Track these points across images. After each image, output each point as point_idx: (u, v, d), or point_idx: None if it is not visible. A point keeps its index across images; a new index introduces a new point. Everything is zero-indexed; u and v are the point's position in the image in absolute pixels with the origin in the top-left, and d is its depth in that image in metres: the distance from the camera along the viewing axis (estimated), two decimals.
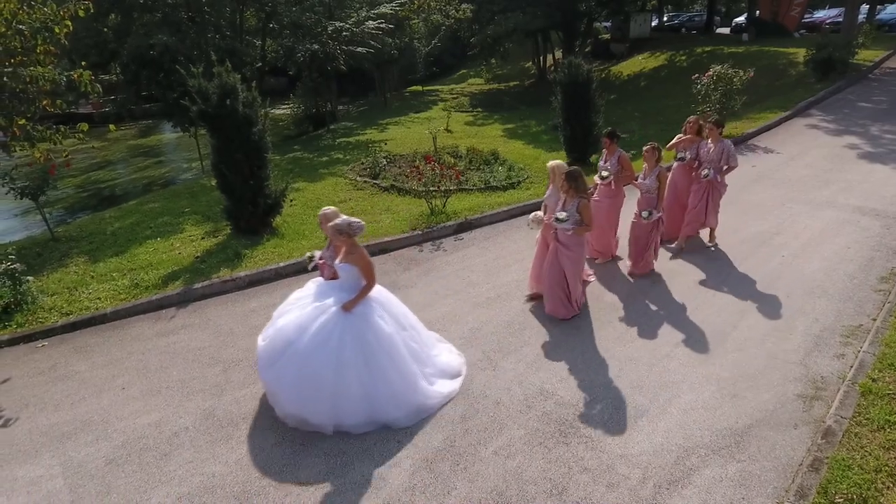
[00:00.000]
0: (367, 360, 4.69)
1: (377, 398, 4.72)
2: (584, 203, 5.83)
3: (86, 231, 9.62)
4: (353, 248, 4.83)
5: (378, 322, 4.82)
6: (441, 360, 5.37)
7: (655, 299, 6.61)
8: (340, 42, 19.35)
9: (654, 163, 6.76)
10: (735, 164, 7.40)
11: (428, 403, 4.94)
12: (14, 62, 6.67)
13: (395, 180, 11.26)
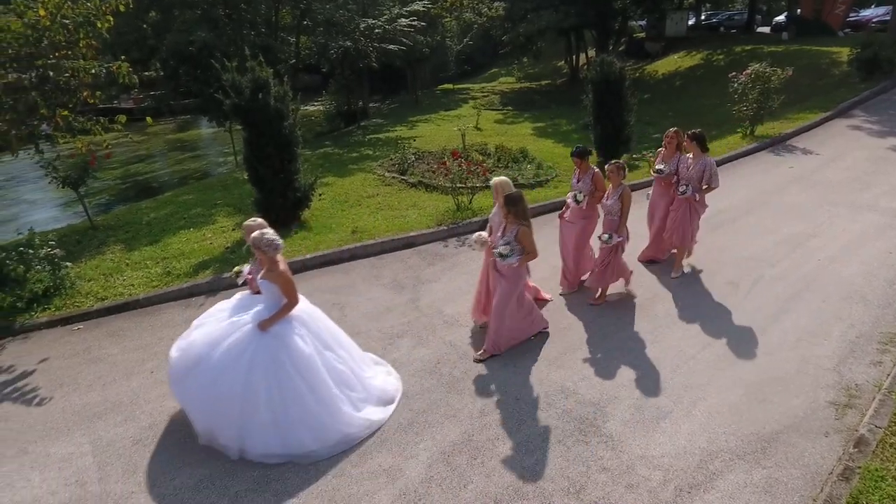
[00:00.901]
0: (280, 384, 4.35)
1: (290, 425, 4.36)
2: (523, 231, 5.24)
3: (123, 221, 9.94)
4: (274, 264, 4.54)
5: (296, 342, 4.48)
6: (375, 383, 4.99)
7: (683, 300, 6.47)
8: (373, 39, 19.49)
9: (619, 182, 6.19)
10: (716, 185, 6.65)
11: (350, 433, 4.53)
12: (58, 55, 6.93)
13: (423, 176, 11.30)
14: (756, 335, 5.72)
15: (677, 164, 6.88)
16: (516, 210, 5.26)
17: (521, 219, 5.28)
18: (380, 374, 5.18)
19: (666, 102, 19.12)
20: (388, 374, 5.30)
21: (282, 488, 4.16)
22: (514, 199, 5.27)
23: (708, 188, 6.68)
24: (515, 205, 5.25)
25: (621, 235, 6.21)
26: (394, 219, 9.19)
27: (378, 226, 8.91)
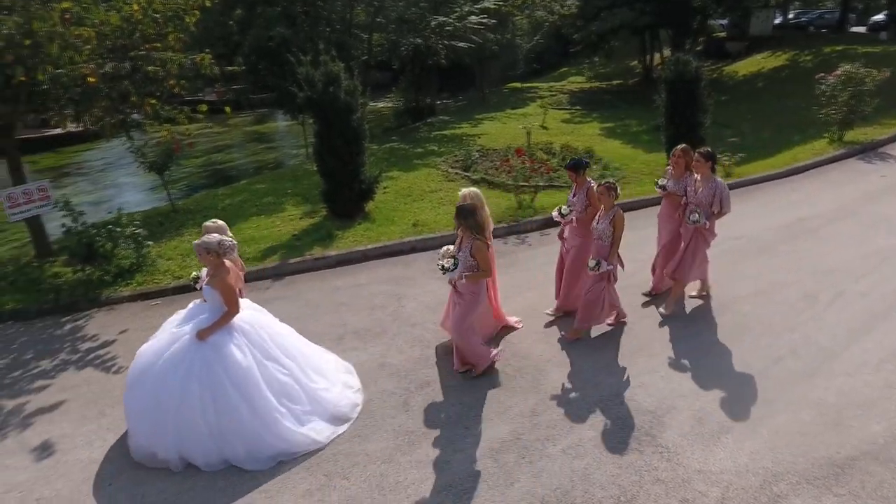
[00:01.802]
0: (215, 395, 4.25)
1: (225, 436, 4.28)
2: (477, 245, 4.90)
3: (201, 205, 10.54)
4: (218, 269, 4.43)
5: (232, 353, 4.35)
6: (326, 395, 4.75)
7: (754, 311, 6.13)
8: (443, 37, 19.62)
9: (611, 204, 5.49)
10: (728, 210, 5.87)
11: (287, 449, 4.38)
12: (148, 47, 7.42)
13: (486, 173, 11.29)
14: (835, 353, 5.34)
15: (685, 185, 6.08)
16: (467, 223, 4.92)
17: (475, 233, 4.93)
18: (336, 387, 4.91)
19: (745, 104, 18.14)
20: (349, 387, 5.04)
21: (333, 469, 4.27)
22: (463, 211, 4.93)
23: (720, 213, 5.88)
24: (465, 218, 4.91)
25: (611, 263, 5.50)
26: None
27: (439, 220, 8.97)
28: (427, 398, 5.01)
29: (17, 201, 7.28)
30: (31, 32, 6.20)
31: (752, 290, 6.55)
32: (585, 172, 5.97)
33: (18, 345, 6.29)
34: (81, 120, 7.64)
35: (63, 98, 7.04)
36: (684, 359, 5.40)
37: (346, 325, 6.29)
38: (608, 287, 5.63)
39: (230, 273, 4.48)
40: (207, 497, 4.06)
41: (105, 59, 7.23)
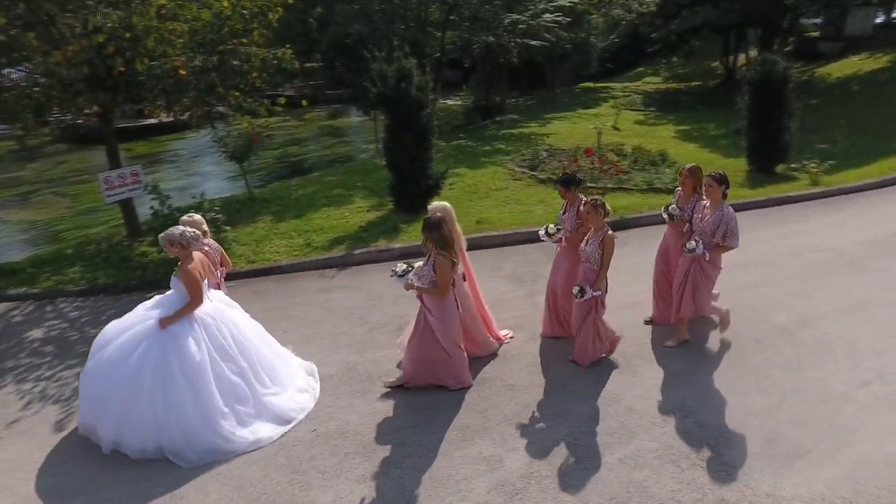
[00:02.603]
0: (165, 385, 4.28)
1: (167, 427, 4.30)
2: (440, 260, 4.67)
3: (275, 195, 11.02)
4: (185, 260, 4.50)
5: (188, 346, 4.36)
6: (274, 400, 4.73)
7: (838, 329, 5.71)
8: (515, 35, 19.47)
9: (600, 224, 5.03)
10: (733, 245, 5.19)
11: (225, 447, 4.36)
12: (235, 42, 7.83)
13: (553, 173, 11.11)
14: None
15: (692, 210, 5.47)
16: (432, 236, 4.69)
17: (440, 247, 4.68)
18: (288, 391, 4.89)
19: (838, 109, 16.89)
20: (303, 391, 5.01)
21: (387, 457, 4.34)
22: (429, 224, 4.72)
23: (724, 247, 5.23)
24: (430, 231, 4.69)
25: (599, 289, 5.05)
26: (520, 213, 9.17)
27: (503, 218, 8.94)
28: (482, 395, 5.01)
29: (113, 184, 7.87)
30: (131, 26, 6.69)
31: (837, 308, 6.10)
32: (578, 189, 5.51)
33: (107, 316, 6.79)
34: (172, 110, 8.19)
35: (156, 89, 7.55)
36: (758, 375, 5.11)
37: (405, 316, 6.37)
38: (597, 318, 5.17)
39: (196, 265, 4.53)
40: (267, 472, 4.24)
41: (195, 53, 7.68)
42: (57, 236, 11.66)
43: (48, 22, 6.92)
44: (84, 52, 6.53)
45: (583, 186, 5.53)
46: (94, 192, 12.67)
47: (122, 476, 4.27)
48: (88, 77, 6.79)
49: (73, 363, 5.82)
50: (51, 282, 7.67)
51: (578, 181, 5.61)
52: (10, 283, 7.67)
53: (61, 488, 4.21)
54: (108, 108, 8.03)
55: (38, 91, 7.02)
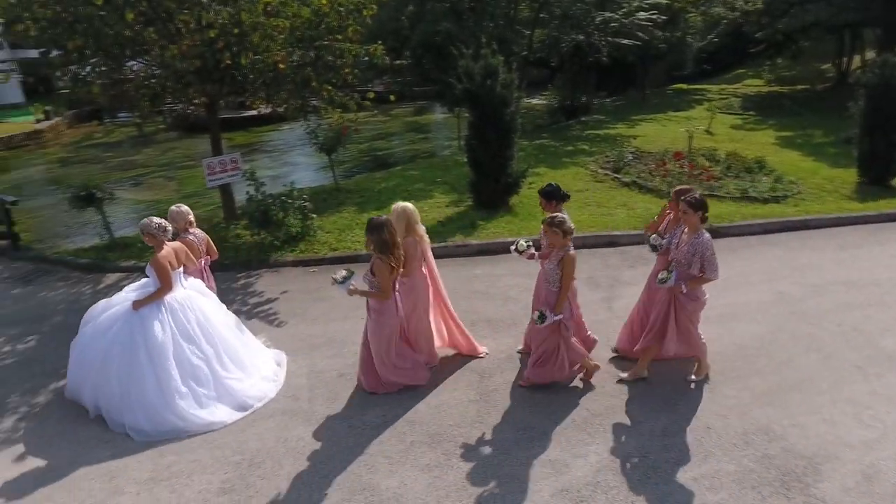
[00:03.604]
0: (130, 363, 4.63)
1: (130, 400, 4.64)
2: (378, 263, 4.65)
3: (360, 187, 11.41)
4: (157, 250, 4.81)
5: (153, 327, 4.67)
6: (235, 385, 4.93)
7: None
8: (607, 34, 18.94)
9: (561, 243, 4.67)
10: (712, 277, 4.64)
11: (179, 425, 4.61)
12: (331, 38, 8.17)
13: (638, 177, 10.75)
14: None
15: (672, 238, 4.96)
16: (371, 238, 4.63)
17: (379, 250, 4.63)
18: (252, 378, 5.08)
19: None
20: (268, 379, 5.19)
21: (453, 450, 4.40)
22: (369, 225, 4.66)
23: (701, 279, 4.68)
24: (370, 233, 4.64)
25: (559, 314, 4.69)
26: (600, 215, 8.96)
27: (582, 220, 8.75)
28: (552, 397, 4.95)
29: (215, 170, 8.46)
30: (240, 23, 7.15)
31: None
32: (560, 204, 5.14)
33: None
34: (270, 102, 8.68)
35: (257, 82, 8.03)
36: (857, 404, 4.71)
37: (479, 312, 6.42)
38: (563, 342, 4.82)
39: (167, 254, 4.84)
40: (336, 452, 4.42)
41: (293, 48, 8.09)
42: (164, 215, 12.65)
43: (167, 18, 7.55)
44: (196, 46, 7.07)
45: (567, 202, 5.23)
46: (198, 178, 13.68)
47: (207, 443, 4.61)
48: (199, 69, 7.34)
49: None
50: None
51: (563, 195, 5.20)
52: (122, 256, 8.47)
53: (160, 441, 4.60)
54: (214, 99, 8.63)
55: (154, 81, 7.68)
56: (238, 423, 4.77)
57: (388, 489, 4.04)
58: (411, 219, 5.06)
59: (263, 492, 4.06)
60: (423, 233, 5.22)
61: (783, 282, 6.76)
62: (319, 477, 4.17)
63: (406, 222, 5.01)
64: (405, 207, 5.09)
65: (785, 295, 6.47)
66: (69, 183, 11.01)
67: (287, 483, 4.12)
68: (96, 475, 4.26)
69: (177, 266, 4.96)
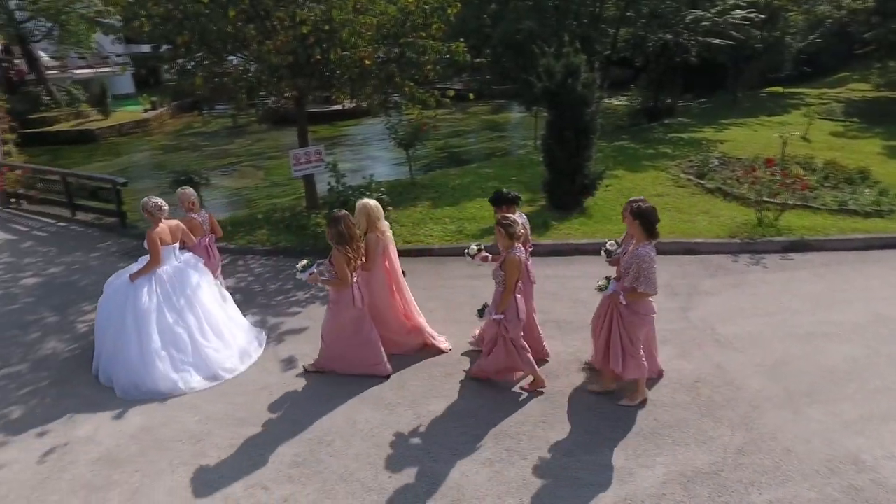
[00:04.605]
0: (120, 325, 5.17)
1: (117, 360, 5.16)
2: (335, 254, 4.86)
3: (434, 182, 11.61)
4: (153, 226, 5.32)
5: (140, 296, 5.21)
6: (214, 355, 5.36)
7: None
8: (697, 33, 18.11)
9: (507, 245, 4.63)
10: (649, 291, 4.38)
11: (158, 388, 5.09)
12: (415, 36, 8.36)
13: (724, 183, 10.24)
14: None
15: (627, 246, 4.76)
16: (329, 231, 4.94)
17: (336, 242, 4.88)
18: (229, 350, 5.49)
19: None
20: (243, 354, 5.59)
21: (515, 447, 4.41)
22: (329, 219, 4.99)
23: (638, 292, 4.43)
24: (328, 225, 4.96)
25: (500, 313, 4.70)
26: (679, 222, 8.63)
27: (661, 226, 8.31)
28: (619, 404, 4.85)
29: (300, 161, 8.89)
30: (330, 20, 7.47)
31: None
32: (512, 208, 5.11)
33: (284, 276, 7.74)
34: (355, 96, 9.01)
35: (344, 77, 8.34)
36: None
37: (548, 313, 6.36)
38: (507, 343, 4.81)
39: (160, 231, 5.34)
40: (402, 437, 4.56)
41: (379, 45, 8.34)
42: (251, 202, 13.47)
43: (264, 16, 8.00)
44: (290, 42, 7.46)
45: (516, 205, 5.20)
46: (284, 167, 14.42)
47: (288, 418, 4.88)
48: (291, 64, 7.74)
49: (254, 311, 6.73)
50: (244, 240, 8.92)
51: (511, 199, 5.16)
52: None
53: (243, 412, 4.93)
54: (303, 93, 9.06)
55: (251, 75, 8.17)
56: (311, 403, 5.02)
57: (450, 478, 4.11)
58: (372, 215, 5.22)
59: (331, 468, 4.25)
60: (385, 229, 5.39)
61: (882, 302, 6.26)
62: (384, 459, 4.31)
63: (367, 218, 5.20)
64: (366, 204, 5.27)
65: (883, 317, 5.99)
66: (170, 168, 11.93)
67: (354, 462, 4.30)
68: (184, 438, 4.62)
69: (170, 242, 5.46)
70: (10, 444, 4.63)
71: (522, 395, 5.03)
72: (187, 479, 4.19)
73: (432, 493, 4.00)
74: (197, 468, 4.29)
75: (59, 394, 5.25)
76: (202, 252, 6.09)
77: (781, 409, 4.71)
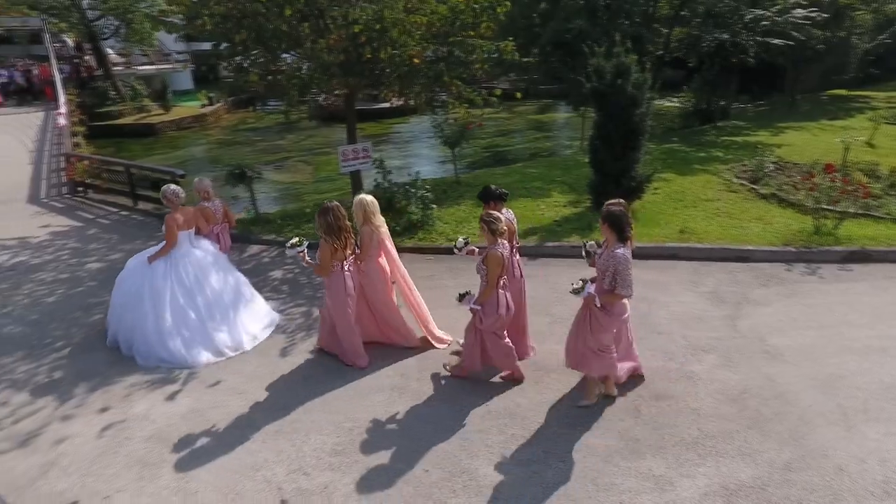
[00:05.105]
0: (139, 302, 5.68)
1: (136, 332, 5.69)
2: (321, 243, 5.18)
3: (479, 181, 11.56)
4: (173, 211, 5.82)
5: (157, 275, 5.71)
6: (217, 335, 5.77)
7: None
8: (755, 33, 17.45)
9: (491, 240, 4.77)
10: (624, 293, 4.39)
11: (167, 359, 5.59)
12: (464, 34, 8.39)
13: (779, 189, 9.86)
14: None
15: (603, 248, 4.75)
16: (318, 221, 5.23)
17: (323, 232, 5.17)
18: (234, 330, 5.87)
19: None
20: (249, 335, 5.95)
21: (552, 448, 4.40)
22: (321, 209, 5.27)
23: (615, 294, 4.43)
24: (318, 216, 5.25)
25: (478, 304, 4.88)
26: (731, 228, 8.36)
27: (710, 231, 8.23)
28: (662, 411, 4.76)
29: (348, 157, 9.06)
30: (382, 19, 7.58)
31: None
32: (499, 204, 5.23)
33: None
34: (403, 95, 9.12)
35: (393, 75, 8.45)
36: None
37: None
38: (477, 333, 5.02)
39: (176, 217, 5.81)
40: (439, 432, 4.61)
41: (428, 44, 8.41)
42: (300, 196, 13.83)
43: (318, 14, 8.19)
44: (342, 40, 7.61)
45: (503, 202, 5.31)
46: (332, 163, 14.73)
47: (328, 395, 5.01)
48: (343, 62, 7.90)
49: (300, 302, 6.93)
50: (292, 234, 9.14)
51: (498, 195, 5.26)
52: (264, 230, 9.41)
53: (286, 399, 5.10)
54: (353, 91, 9.23)
55: (303, 73, 8.38)
56: (352, 394, 5.14)
57: (486, 476, 4.14)
58: (368, 209, 5.46)
59: (370, 458, 4.35)
60: (380, 224, 5.57)
61: None
62: (421, 453, 4.37)
63: (363, 212, 5.46)
64: (363, 199, 5.53)
65: None
66: (225, 161, 12.37)
67: (391, 454, 4.38)
68: (231, 421, 4.82)
69: (185, 227, 5.92)
70: (73, 418, 4.93)
71: (561, 397, 5.00)
72: (233, 461, 4.37)
73: (468, 490, 4.04)
74: (242, 451, 4.47)
75: (117, 373, 5.55)
76: (213, 239, 6.58)
77: (834, 425, 4.52)
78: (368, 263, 5.54)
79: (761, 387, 5.01)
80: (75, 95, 24.40)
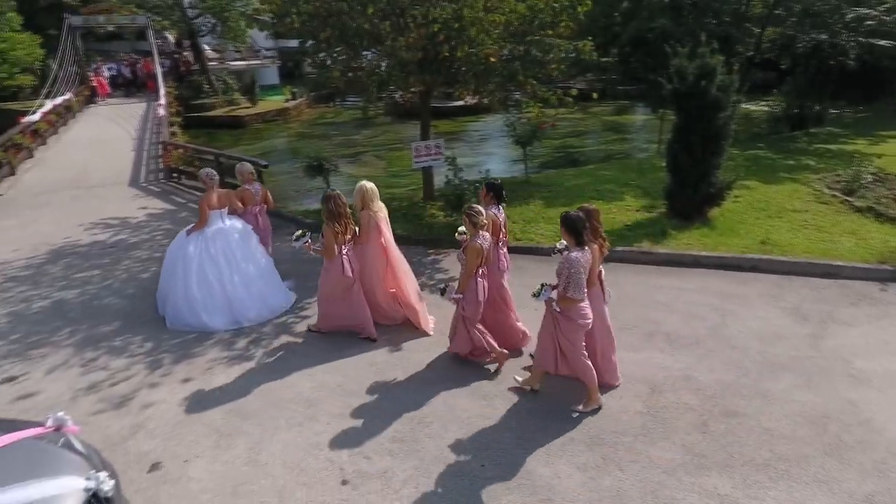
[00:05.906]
0: (172, 270, 6.39)
1: (168, 298, 6.44)
2: (325, 228, 5.63)
3: (549, 181, 11.51)
4: (207, 192, 6.47)
5: (188, 248, 6.35)
6: (237, 305, 6.36)
7: None
8: (858, 33, 16.18)
9: (473, 231, 5.05)
10: (576, 297, 4.45)
11: (191, 322, 6.27)
12: (542, 33, 8.33)
13: (877, 202, 9.14)
14: None
15: None
16: (322, 208, 5.73)
17: (326, 218, 5.62)
18: (252, 300, 6.44)
19: None
20: (266, 308, 6.52)
21: (612, 455, 4.34)
22: (324, 197, 5.73)
23: (566, 297, 4.47)
24: (321, 203, 5.75)
25: (459, 293, 5.14)
26: (818, 241, 7.84)
27: (795, 244, 7.76)
28: (730, 428, 4.57)
29: (421, 153, 9.25)
30: (461, 18, 7.67)
31: None
32: (493, 197, 5.56)
33: None
34: (478, 93, 9.18)
35: (469, 74, 8.53)
36: None
37: (658, 324, 6.13)
38: (465, 321, 5.27)
39: (208, 197, 6.42)
40: (499, 429, 4.64)
41: (505, 42, 8.43)
42: None
43: (399, 13, 8.40)
44: (421, 39, 7.77)
45: (502, 202, 5.66)
46: (404, 159, 15.05)
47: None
48: (421, 60, 8.06)
49: None
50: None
51: (500, 195, 5.62)
52: None
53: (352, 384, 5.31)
54: (429, 88, 9.40)
55: (382, 70, 8.62)
56: (413, 384, 5.28)
57: (543, 477, 4.14)
58: (366, 196, 5.88)
59: (428, 448, 4.45)
60: (378, 209, 5.97)
61: None
62: (478, 448, 4.43)
63: (362, 198, 5.88)
64: (363, 186, 5.95)
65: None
66: (304, 153, 12.93)
67: (449, 446, 4.47)
68: (300, 401, 5.07)
69: (217, 207, 6.51)
70: (160, 386, 5.36)
71: (623, 405, 4.90)
72: (300, 439, 4.60)
73: (522, 488, 4.06)
74: (309, 430, 4.70)
75: (200, 348, 5.98)
76: (251, 219, 7.10)
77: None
78: (366, 245, 5.98)
79: (843, 412, 4.70)
80: (174, 88, 26.23)
